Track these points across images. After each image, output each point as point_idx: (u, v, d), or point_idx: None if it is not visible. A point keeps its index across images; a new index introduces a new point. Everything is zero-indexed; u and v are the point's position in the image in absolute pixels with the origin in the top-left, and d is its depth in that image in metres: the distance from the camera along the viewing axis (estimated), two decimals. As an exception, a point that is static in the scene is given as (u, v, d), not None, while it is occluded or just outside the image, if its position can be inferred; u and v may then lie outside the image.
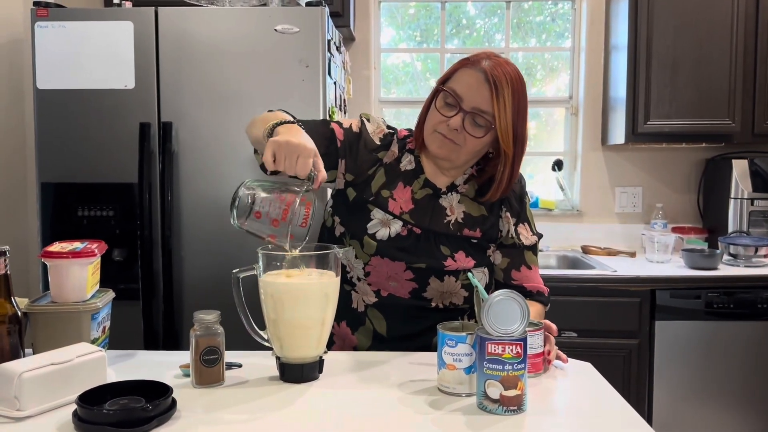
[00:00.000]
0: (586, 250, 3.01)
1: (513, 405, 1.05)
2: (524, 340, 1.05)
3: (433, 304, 1.45)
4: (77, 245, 1.32)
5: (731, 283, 2.51)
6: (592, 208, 3.21)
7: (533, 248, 1.53)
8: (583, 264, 2.82)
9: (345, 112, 2.85)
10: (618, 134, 2.94)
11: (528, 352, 1.18)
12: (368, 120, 1.53)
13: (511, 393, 1.04)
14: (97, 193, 2.28)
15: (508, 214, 1.50)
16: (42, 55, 2.25)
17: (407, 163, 1.51)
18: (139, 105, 2.26)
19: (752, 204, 2.84)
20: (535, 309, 1.49)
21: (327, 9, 2.28)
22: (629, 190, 3.19)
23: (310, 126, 1.37)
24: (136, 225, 2.26)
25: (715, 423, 2.52)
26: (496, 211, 1.50)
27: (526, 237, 1.52)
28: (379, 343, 1.47)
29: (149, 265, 2.26)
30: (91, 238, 1.42)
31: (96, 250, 1.32)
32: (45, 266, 1.31)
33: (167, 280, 2.26)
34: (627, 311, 2.48)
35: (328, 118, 2.30)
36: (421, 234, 1.45)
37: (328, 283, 1.21)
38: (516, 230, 1.50)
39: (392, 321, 1.46)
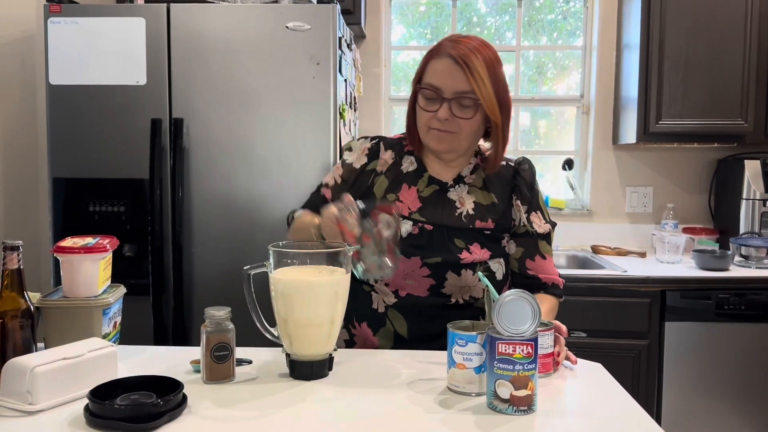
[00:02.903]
0: (596, 249, 3.00)
1: (523, 405, 1.04)
2: (535, 340, 1.05)
3: (453, 300, 1.45)
4: (89, 240, 1.32)
5: (742, 285, 2.49)
6: (603, 208, 3.20)
7: (547, 237, 1.52)
8: (593, 264, 2.81)
9: (355, 110, 2.85)
10: (629, 134, 2.92)
11: (539, 352, 1.18)
12: (349, 150, 1.55)
13: (522, 393, 1.04)
14: (108, 188, 2.30)
15: (519, 202, 1.50)
16: (54, 51, 2.26)
17: (408, 164, 1.51)
18: (150, 101, 2.27)
19: (764, 205, 2.82)
20: (550, 303, 1.50)
21: (338, 6, 2.28)
22: (640, 190, 3.17)
23: (312, 206, 1.50)
24: (147, 221, 2.27)
25: (724, 424, 2.50)
26: (507, 200, 1.49)
27: (540, 225, 1.51)
28: (400, 344, 1.46)
29: (160, 260, 2.27)
30: (102, 233, 1.43)
31: (108, 246, 1.33)
32: (56, 261, 1.32)
33: (177, 276, 2.27)
34: (637, 312, 2.47)
35: (339, 115, 2.30)
36: (434, 230, 1.45)
37: (339, 280, 1.21)
38: (528, 218, 1.49)
39: (412, 321, 1.45)
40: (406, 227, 1.44)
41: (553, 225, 1.55)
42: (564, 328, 1.30)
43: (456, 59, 1.36)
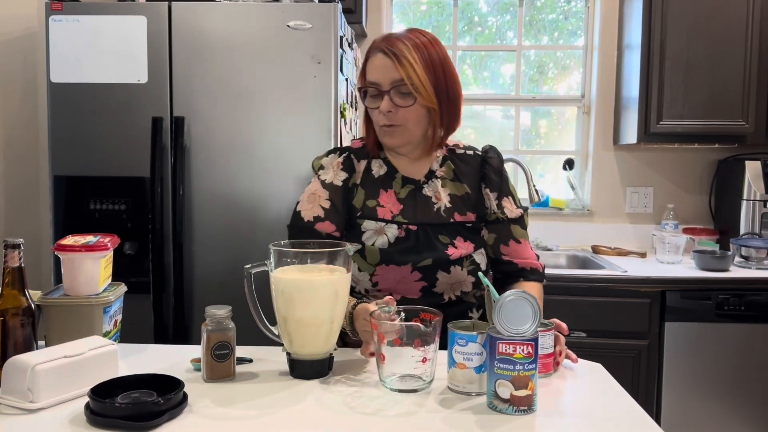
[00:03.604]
0: (596, 250, 3.00)
1: (523, 405, 1.05)
2: (535, 340, 1.05)
3: (446, 298, 1.45)
4: (90, 239, 1.32)
5: (742, 285, 2.49)
6: (603, 208, 3.20)
7: (520, 221, 1.52)
8: (593, 264, 2.81)
9: (356, 108, 2.84)
10: (630, 134, 2.92)
11: (539, 353, 1.18)
12: (322, 168, 1.53)
13: (522, 393, 1.04)
14: (109, 186, 2.29)
15: (488, 190, 1.50)
16: (56, 49, 2.26)
17: (378, 168, 1.51)
18: (151, 99, 2.27)
19: (765, 206, 2.81)
20: (533, 290, 1.47)
21: (339, 5, 2.28)
22: (640, 190, 3.17)
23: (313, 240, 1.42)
24: (148, 219, 2.27)
25: (723, 424, 2.50)
26: (477, 189, 1.50)
27: (511, 210, 1.51)
28: None
29: (160, 259, 2.27)
30: (102, 231, 1.43)
31: (109, 244, 1.33)
32: (57, 259, 1.32)
33: (178, 275, 2.27)
34: (637, 312, 2.47)
35: (339, 114, 2.30)
36: (418, 229, 1.45)
37: (339, 280, 1.21)
38: (500, 204, 1.50)
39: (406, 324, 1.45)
40: (392, 231, 1.44)
41: (525, 209, 1.55)
42: (564, 326, 1.31)
43: (385, 51, 1.39)
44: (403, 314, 1.18)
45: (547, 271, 2.21)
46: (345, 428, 1.01)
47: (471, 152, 1.55)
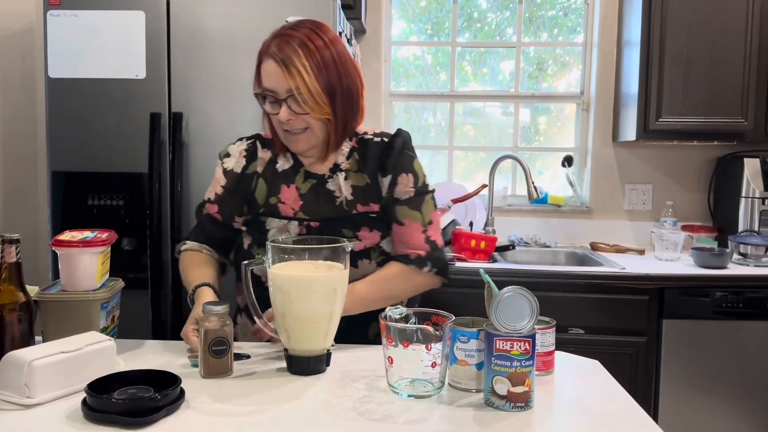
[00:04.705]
0: (594, 247, 3.00)
1: (520, 401, 1.05)
2: (533, 337, 1.05)
3: None
4: (88, 234, 1.32)
5: (740, 283, 2.49)
6: (602, 205, 3.19)
7: (409, 202, 1.45)
8: (591, 261, 2.81)
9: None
10: (629, 131, 2.92)
11: (539, 350, 1.18)
12: (227, 156, 1.53)
13: (519, 389, 1.04)
14: (107, 182, 2.29)
15: (380, 174, 1.46)
16: (54, 44, 2.25)
17: (284, 162, 1.50)
18: (149, 95, 2.27)
19: (763, 203, 2.82)
20: (390, 269, 1.42)
21: (338, 1, 2.27)
22: (639, 188, 3.17)
23: (204, 232, 1.54)
24: (146, 215, 2.26)
25: (721, 421, 2.51)
26: (375, 179, 1.47)
27: (401, 190, 1.45)
28: None
29: (158, 254, 2.27)
30: (100, 227, 1.43)
31: (106, 240, 1.33)
32: (55, 254, 1.32)
33: (176, 270, 2.26)
34: (635, 309, 2.47)
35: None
36: (320, 226, 1.44)
37: (337, 276, 1.21)
38: (394, 182, 1.45)
39: None
40: (294, 229, 1.44)
41: (427, 192, 1.49)
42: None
43: (277, 60, 1.34)
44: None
45: (546, 268, 2.21)
46: (342, 425, 1.01)
47: (378, 139, 1.50)
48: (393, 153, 1.46)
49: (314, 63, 1.34)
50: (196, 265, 1.50)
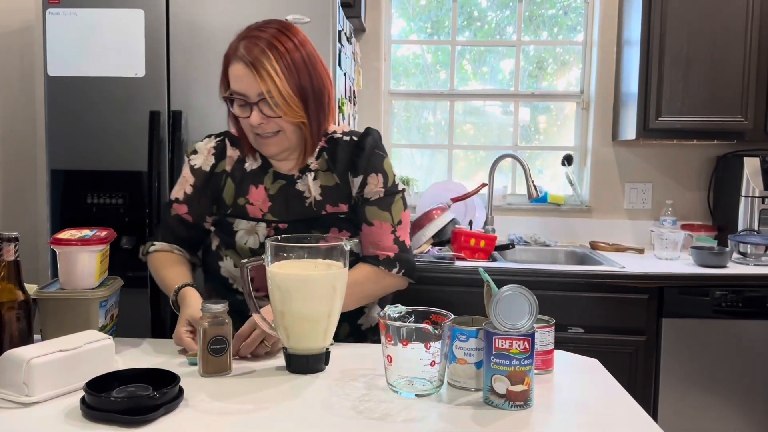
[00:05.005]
0: (594, 246, 3.00)
1: (519, 400, 1.04)
2: (532, 335, 1.05)
3: None
4: (87, 233, 1.32)
5: (740, 282, 2.49)
6: (602, 204, 3.19)
7: (379, 202, 1.45)
8: (591, 260, 2.81)
9: (354, 104, 2.84)
10: (629, 130, 2.91)
11: (539, 349, 1.18)
12: (195, 153, 1.51)
13: (518, 388, 1.04)
14: (106, 180, 2.29)
15: (351, 175, 1.46)
16: (53, 42, 2.25)
17: (252, 162, 1.48)
18: (149, 93, 2.26)
19: (763, 202, 2.81)
20: (360, 272, 1.41)
21: (338, -1, 2.27)
22: (639, 186, 3.17)
23: (173, 233, 1.50)
24: (145, 213, 2.26)
25: (721, 421, 2.51)
26: (346, 179, 1.46)
27: (371, 190, 1.45)
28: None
29: (157, 253, 2.27)
30: (99, 225, 1.43)
31: (105, 238, 1.33)
32: (54, 253, 1.32)
33: (175, 269, 2.27)
34: (635, 308, 2.47)
35: (338, 109, 2.29)
36: (288, 227, 1.43)
37: (336, 275, 1.21)
38: (364, 183, 1.44)
39: None
40: (262, 230, 1.43)
41: (398, 191, 1.48)
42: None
43: (246, 63, 1.32)
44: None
45: (545, 267, 2.21)
46: (341, 423, 1.00)
47: (348, 138, 1.48)
48: (364, 153, 1.45)
49: (285, 65, 1.33)
50: (171, 266, 1.47)
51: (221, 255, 1.45)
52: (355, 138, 1.48)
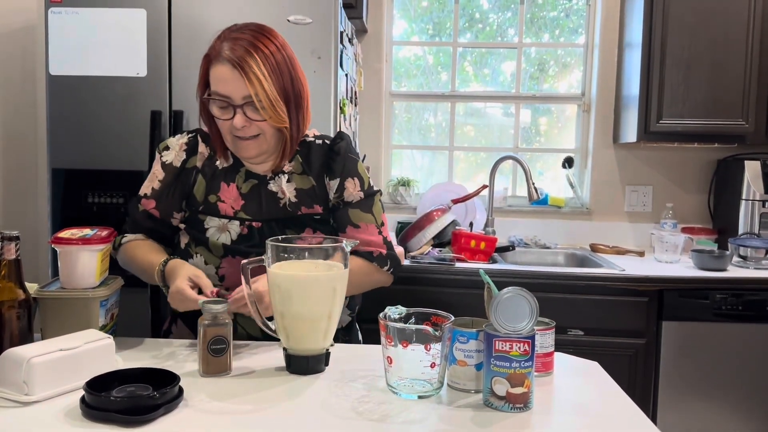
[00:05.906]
0: (594, 248, 3.00)
1: (519, 402, 1.04)
2: (532, 338, 1.05)
3: None
4: (87, 232, 1.32)
5: (740, 285, 2.49)
6: (602, 207, 3.19)
7: (361, 204, 1.47)
8: (591, 262, 2.81)
9: (356, 104, 2.84)
10: (630, 132, 2.91)
11: (539, 351, 1.18)
12: (167, 149, 1.50)
13: (518, 390, 1.04)
14: (107, 179, 2.29)
15: (328, 179, 1.46)
16: (55, 41, 2.25)
17: (223, 160, 1.47)
18: (150, 93, 2.26)
19: (764, 206, 2.81)
20: (353, 262, 1.39)
21: (340, 0, 2.27)
22: (640, 189, 3.17)
23: (140, 229, 1.48)
24: (146, 213, 2.26)
25: (720, 424, 2.51)
26: (322, 181, 1.47)
27: (351, 193, 1.46)
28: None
29: (158, 253, 2.27)
30: (100, 224, 1.43)
31: (106, 237, 1.33)
32: (54, 252, 1.32)
33: (175, 269, 2.27)
34: (634, 311, 2.46)
35: (339, 110, 2.29)
36: (263, 226, 1.43)
37: (337, 276, 1.21)
38: (341, 187, 1.46)
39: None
40: (235, 228, 1.43)
41: (374, 192, 1.50)
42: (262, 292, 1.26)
43: (233, 65, 1.31)
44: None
45: (546, 269, 2.21)
46: (341, 424, 1.00)
47: (320, 141, 1.49)
48: (339, 157, 1.47)
49: (270, 68, 1.33)
50: (150, 250, 1.46)
51: (191, 252, 1.44)
52: (327, 141, 1.50)
